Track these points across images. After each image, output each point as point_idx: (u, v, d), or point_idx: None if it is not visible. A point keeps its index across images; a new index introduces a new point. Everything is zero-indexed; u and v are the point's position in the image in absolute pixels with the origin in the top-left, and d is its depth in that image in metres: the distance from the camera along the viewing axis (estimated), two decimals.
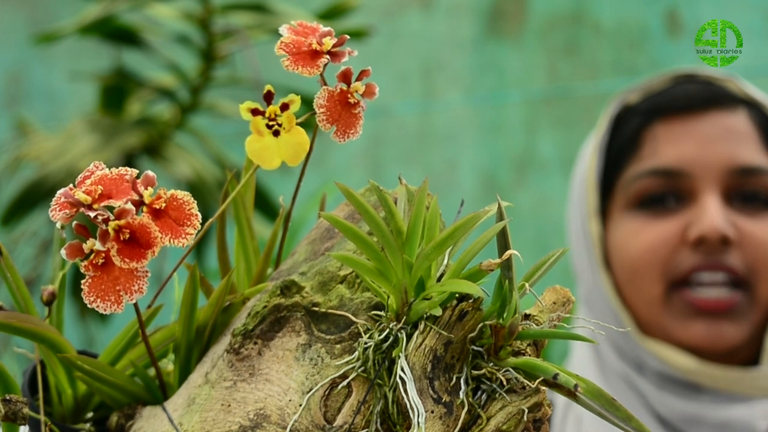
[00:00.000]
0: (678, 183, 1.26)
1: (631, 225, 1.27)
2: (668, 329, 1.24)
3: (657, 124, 1.28)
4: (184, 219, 0.65)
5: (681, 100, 1.29)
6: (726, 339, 1.23)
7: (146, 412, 0.76)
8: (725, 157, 1.26)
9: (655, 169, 1.27)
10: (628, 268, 1.27)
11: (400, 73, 2.68)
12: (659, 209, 1.26)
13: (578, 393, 0.63)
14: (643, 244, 1.25)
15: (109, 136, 1.89)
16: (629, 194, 1.28)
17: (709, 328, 1.23)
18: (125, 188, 0.64)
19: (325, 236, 0.77)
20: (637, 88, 1.33)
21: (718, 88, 1.29)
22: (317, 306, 0.71)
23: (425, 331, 0.66)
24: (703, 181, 1.25)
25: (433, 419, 0.64)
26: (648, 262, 1.25)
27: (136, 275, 0.64)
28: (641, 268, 1.25)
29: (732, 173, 1.25)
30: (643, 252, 1.25)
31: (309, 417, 0.68)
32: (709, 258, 1.23)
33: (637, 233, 1.26)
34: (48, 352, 0.77)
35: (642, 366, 1.27)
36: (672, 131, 1.28)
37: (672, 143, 1.27)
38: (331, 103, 0.73)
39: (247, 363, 0.71)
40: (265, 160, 0.73)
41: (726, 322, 1.23)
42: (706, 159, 1.26)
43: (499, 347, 0.65)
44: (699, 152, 1.26)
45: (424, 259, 0.67)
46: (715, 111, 1.28)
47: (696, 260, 1.23)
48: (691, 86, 1.30)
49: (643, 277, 1.25)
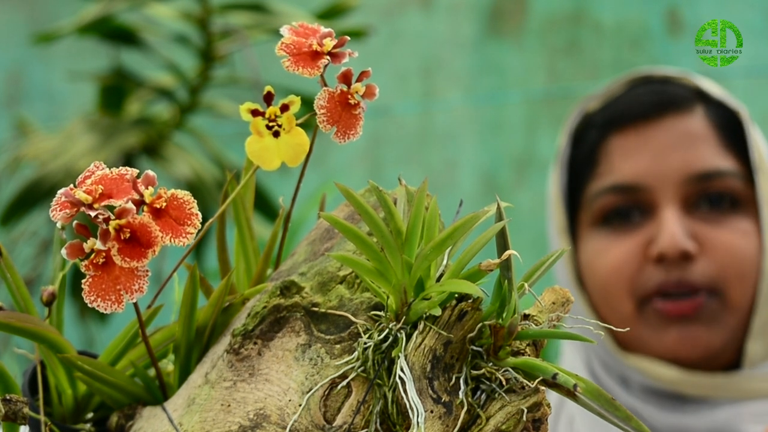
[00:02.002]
0: (638, 197, 1.25)
1: (597, 243, 1.26)
2: (645, 341, 1.24)
3: (612, 138, 1.26)
4: (184, 218, 0.65)
5: (635, 109, 1.26)
6: (701, 343, 1.23)
7: (146, 412, 0.76)
8: (682, 165, 1.24)
9: (613, 186, 1.25)
10: (599, 287, 1.26)
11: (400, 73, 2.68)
12: (623, 225, 1.25)
13: (578, 393, 0.64)
14: (610, 264, 1.24)
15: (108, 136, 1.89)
16: (593, 211, 1.27)
17: (682, 334, 1.22)
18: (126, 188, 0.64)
19: (325, 237, 0.77)
20: (597, 94, 1.31)
21: (672, 90, 1.27)
22: (317, 306, 0.71)
23: (425, 331, 0.66)
24: (661, 193, 1.24)
25: (433, 419, 0.64)
26: (616, 281, 1.24)
27: (137, 274, 0.64)
28: (610, 287, 1.25)
29: (691, 181, 1.24)
30: (611, 271, 1.24)
31: (309, 417, 0.68)
32: (671, 274, 1.22)
33: (603, 252, 1.25)
34: (48, 353, 0.77)
35: (626, 381, 1.27)
36: (627, 144, 1.25)
37: (627, 157, 1.25)
38: (332, 104, 0.73)
39: (246, 363, 0.71)
40: (265, 161, 0.73)
41: (699, 326, 1.23)
42: (663, 170, 1.24)
43: (498, 347, 0.66)
44: (655, 164, 1.24)
45: (424, 259, 0.67)
46: (671, 116, 1.26)
47: (660, 277, 1.22)
48: (645, 92, 1.27)
49: (614, 296, 1.24)
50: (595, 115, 1.29)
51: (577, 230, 1.30)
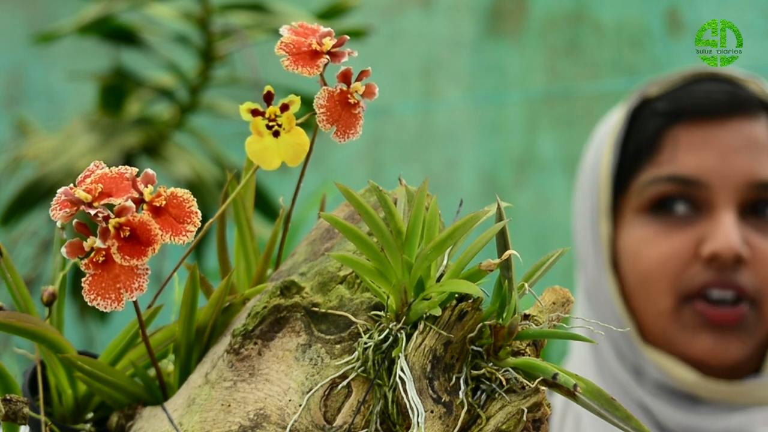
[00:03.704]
0: (695, 192, 1.24)
1: (643, 232, 1.25)
2: (674, 341, 1.23)
3: (678, 128, 1.26)
4: (184, 217, 0.65)
5: (704, 105, 1.26)
6: (731, 354, 1.22)
7: (146, 412, 0.76)
8: (745, 170, 1.24)
9: (673, 175, 1.25)
10: (639, 277, 1.25)
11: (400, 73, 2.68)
12: (673, 218, 1.24)
13: (577, 393, 0.63)
14: (656, 256, 1.23)
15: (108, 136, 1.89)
16: (643, 198, 1.26)
17: (716, 342, 1.22)
18: (125, 186, 0.64)
19: (325, 237, 0.77)
20: (657, 81, 1.30)
21: (740, 92, 1.26)
22: (317, 306, 0.71)
23: (425, 331, 0.66)
24: (720, 194, 1.23)
25: (433, 419, 0.64)
26: (660, 274, 1.23)
27: (137, 273, 0.64)
28: (652, 279, 1.24)
29: (751, 187, 1.24)
30: (656, 264, 1.23)
31: (309, 417, 0.68)
32: (720, 275, 1.22)
33: (650, 243, 1.24)
34: (48, 353, 0.77)
35: (641, 373, 1.26)
36: (693, 138, 1.25)
37: (692, 151, 1.25)
38: (331, 103, 0.73)
39: (247, 363, 0.71)
40: (265, 161, 0.73)
41: (733, 336, 1.22)
42: (726, 171, 1.24)
43: (498, 347, 0.65)
44: (719, 163, 1.24)
45: (424, 259, 0.67)
46: (738, 118, 1.25)
47: (708, 277, 1.22)
48: (713, 88, 1.27)
49: (654, 289, 1.24)
50: (658, 102, 1.28)
51: (619, 214, 1.29)
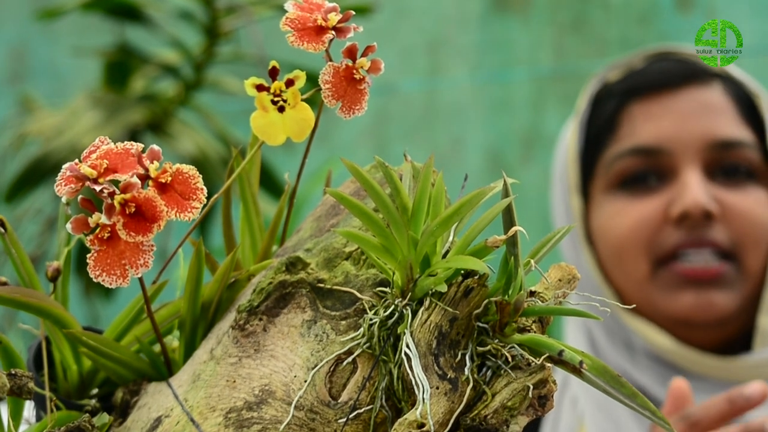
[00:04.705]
0: (658, 161, 1.26)
1: (613, 206, 1.27)
2: (657, 303, 1.24)
3: (633, 104, 1.28)
4: (189, 193, 0.65)
5: (656, 78, 1.28)
6: (715, 307, 1.23)
7: (151, 388, 0.76)
8: (703, 131, 1.25)
9: (634, 148, 1.26)
10: (613, 248, 1.26)
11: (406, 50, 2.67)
12: (641, 188, 1.26)
13: (583, 369, 0.63)
14: (627, 224, 1.25)
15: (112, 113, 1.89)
16: (610, 175, 1.28)
17: (698, 297, 1.23)
18: (131, 162, 0.64)
19: (331, 213, 0.77)
20: (618, 65, 1.33)
21: (693, 63, 1.29)
22: (322, 282, 0.71)
23: (430, 308, 0.66)
24: (682, 157, 1.25)
25: (438, 395, 0.64)
26: (632, 241, 1.24)
27: (142, 249, 0.64)
28: (626, 247, 1.25)
29: (711, 147, 1.25)
30: (627, 232, 1.25)
31: (314, 393, 0.68)
32: (693, 234, 1.23)
33: (620, 213, 1.26)
34: (53, 328, 0.77)
35: (631, 346, 1.27)
36: (649, 109, 1.27)
37: (649, 121, 1.27)
38: (337, 79, 0.73)
39: (252, 339, 0.71)
40: (270, 136, 0.73)
41: (714, 290, 1.23)
42: (685, 135, 1.25)
43: (504, 324, 0.65)
44: (677, 128, 1.26)
45: (430, 235, 0.66)
46: (691, 86, 1.28)
47: (680, 237, 1.23)
48: (666, 63, 1.29)
49: (629, 257, 1.25)
50: (616, 85, 1.30)
51: (590, 194, 1.30)
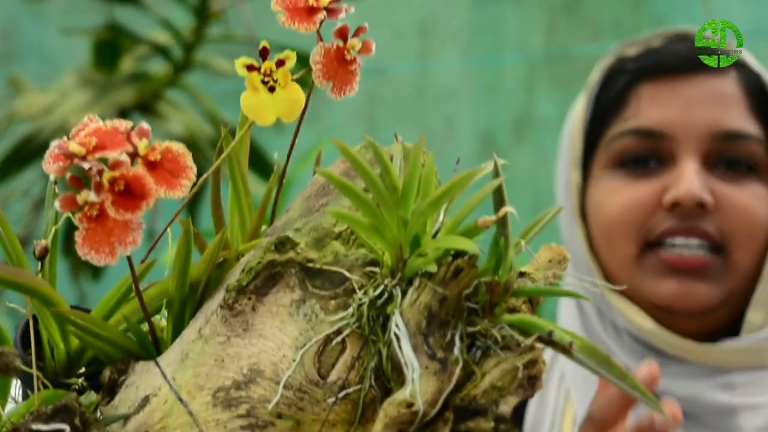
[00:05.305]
0: (659, 145, 1.25)
1: (610, 184, 1.27)
2: (640, 287, 1.25)
3: (643, 85, 1.27)
4: (179, 171, 0.65)
5: (670, 62, 1.27)
6: (697, 297, 1.23)
7: (139, 367, 0.75)
8: (709, 121, 1.25)
9: (636, 128, 1.26)
10: (604, 226, 1.26)
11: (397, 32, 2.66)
12: (639, 170, 1.26)
13: (573, 350, 0.63)
14: (620, 204, 1.25)
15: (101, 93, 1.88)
16: (610, 153, 1.27)
17: (681, 286, 1.23)
18: (119, 140, 0.64)
19: (321, 192, 0.76)
20: (636, 41, 1.31)
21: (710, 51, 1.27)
22: (312, 262, 0.71)
23: (420, 288, 0.66)
24: (684, 145, 1.24)
25: (428, 375, 0.64)
26: (624, 222, 1.25)
27: (130, 227, 0.63)
28: (617, 227, 1.25)
29: (714, 138, 1.24)
30: (620, 211, 1.25)
31: (303, 372, 0.68)
32: (683, 222, 1.23)
33: (615, 192, 1.26)
34: (41, 307, 0.76)
35: (617, 328, 1.27)
36: (657, 92, 1.27)
37: (656, 105, 1.26)
38: (328, 59, 0.73)
39: (240, 318, 0.71)
40: (260, 116, 0.74)
41: (698, 281, 1.23)
42: (689, 122, 1.25)
43: (494, 304, 0.65)
44: (682, 115, 1.25)
45: (420, 215, 0.66)
46: (704, 74, 1.27)
47: (670, 224, 1.23)
48: (682, 47, 1.28)
49: (618, 237, 1.25)
50: (630, 62, 1.30)
51: (590, 169, 1.30)
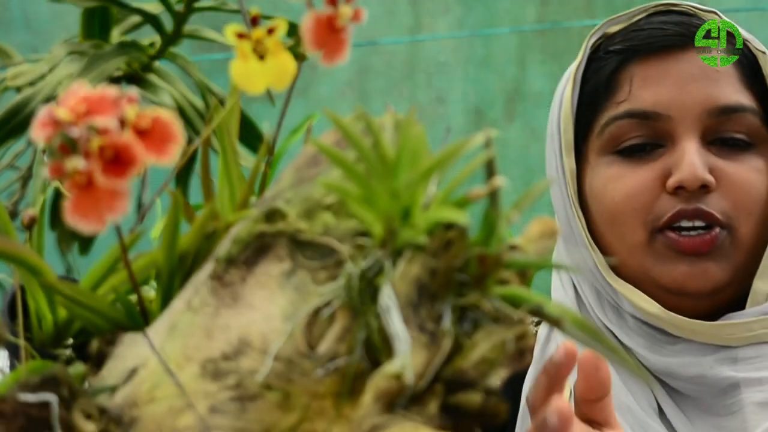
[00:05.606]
0: (656, 126, 1.24)
1: (609, 171, 1.25)
2: (650, 272, 1.24)
3: (633, 66, 1.26)
4: (168, 138, 0.64)
5: (658, 40, 1.26)
6: (709, 277, 1.23)
7: (127, 338, 0.75)
8: (704, 97, 1.24)
9: (630, 111, 1.24)
10: (608, 214, 1.25)
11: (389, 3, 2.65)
12: (638, 154, 1.24)
13: (563, 322, 0.63)
14: (624, 192, 1.24)
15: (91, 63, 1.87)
16: (605, 138, 1.26)
17: (692, 268, 1.22)
18: (108, 107, 0.63)
19: (311, 163, 0.76)
20: (619, 19, 1.30)
21: (695, 23, 1.26)
22: (302, 233, 0.71)
23: (410, 260, 0.66)
24: (681, 124, 1.23)
25: (417, 347, 0.64)
26: (629, 209, 1.23)
27: (119, 195, 0.63)
28: (622, 215, 1.24)
29: (711, 114, 1.23)
30: (624, 199, 1.24)
31: (292, 344, 0.67)
32: (688, 205, 1.22)
33: (616, 180, 1.24)
34: (28, 277, 0.76)
35: (620, 310, 1.27)
36: (648, 73, 1.25)
37: (648, 85, 1.25)
38: (318, 27, 0.73)
39: (230, 289, 0.71)
40: (250, 84, 0.73)
41: (709, 261, 1.23)
42: (685, 100, 1.23)
43: (484, 276, 0.65)
44: (677, 93, 1.24)
45: (411, 186, 0.66)
46: (694, 49, 1.25)
47: (676, 207, 1.22)
48: (669, 22, 1.27)
49: (625, 224, 1.24)
50: (616, 40, 1.28)
51: (584, 158, 1.28)
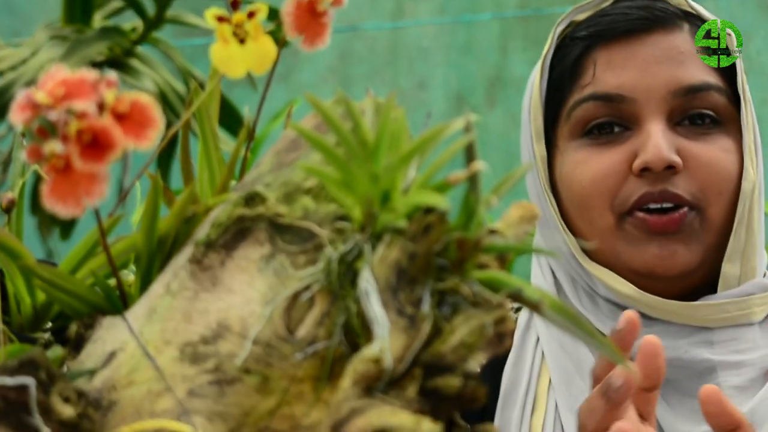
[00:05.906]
0: (620, 109, 1.24)
1: (577, 155, 1.25)
2: (621, 255, 1.24)
3: (598, 50, 1.26)
4: (146, 123, 0.64)
5: (621, 25, 1.26)
6: (678, 260, 1.23)
7: (106, 321, 0.75)
8: (668, 78, 1.24)
9: (594, 94, 1.25)
10: (577, 198, 1.25)
11: None
12: (604, 138, 1.25)
13: (542, 307, 0.63)
14: (591, 175, 1.24)
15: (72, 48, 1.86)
16: (572, 123, 1.26)
17: (662, 250, 1.23)
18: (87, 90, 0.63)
19: (291, 147, 0.76)
20: (586, 6, 1.30)
21: (660, 6, 1.27)
22: (281, 217, 0.71)
23: (390, 244, 0.66)
24: (646, 106, 1.23)
25: (397, 331, 0.64)
26: (597, 193, 1.23)
27: (97, 178, 0.63)
28: (590, 199, 1.24)
29: (676, 94, 1.24)
30: (592, 183, 1.24)
31: (271, 328, 0.67)
32: (655, 186, 1.22)
33: (584, 163, 1.25)
34: (7, 260, 0.76)
35: (594, 296, 1.27)
36: (612, 57, 1.25)
37: (612, 69, 1.25)
38: (299, 11, 0.74)
39: (209, 273, 0.70)
40: (231, 68, 0.74)
41: (678, 243, 1.23)
42: (648, 83, 1.24)
43: (463, 261, 0.65)
44: (640, 77, 1.24)
45: (390, 170, 0.66)
46: (657, 32, 1.25)
47: (643, 189, 1.22)
48: (633, 7, 1.27)
49: (593, 209, 1.24)
50: (582, 27, 1.28)
51: (554, 141, 1.28)
